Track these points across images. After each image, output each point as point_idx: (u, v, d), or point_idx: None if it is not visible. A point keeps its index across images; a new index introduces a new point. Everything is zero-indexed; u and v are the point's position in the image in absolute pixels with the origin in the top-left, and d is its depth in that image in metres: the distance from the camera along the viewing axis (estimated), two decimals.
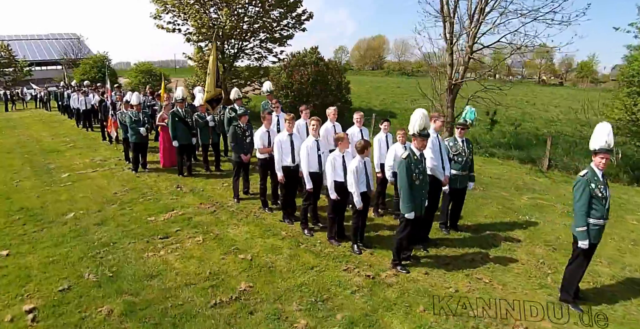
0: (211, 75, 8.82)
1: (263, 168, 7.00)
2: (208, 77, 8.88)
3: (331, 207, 5.85)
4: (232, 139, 7.31)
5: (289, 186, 6.53)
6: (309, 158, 6.04)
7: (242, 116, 7.43)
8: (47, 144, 12.83)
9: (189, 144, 8.88)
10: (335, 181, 5.65)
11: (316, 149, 6.11)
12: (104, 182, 8.54)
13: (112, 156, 10.99)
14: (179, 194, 7.82)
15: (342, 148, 5.68)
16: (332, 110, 7.40)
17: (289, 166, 6.39)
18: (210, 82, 8.81)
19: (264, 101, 9.92)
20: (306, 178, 6.04)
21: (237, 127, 7.35)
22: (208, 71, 8.93)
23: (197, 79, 19.00)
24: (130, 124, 8.91)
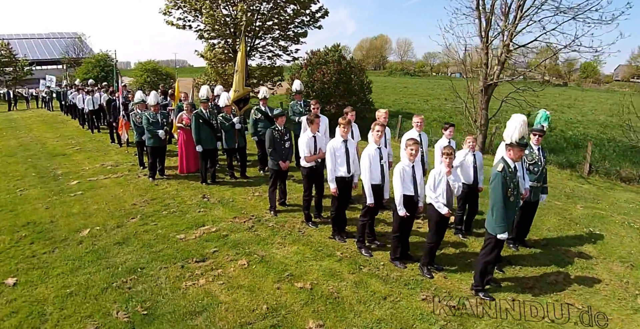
0: (240, 73, 7.89)
1: (309, 178, 6.10)
2: (236, 75, 7.95)
3: (398, 225, 5.05)
4: (269, 143, 6.39)
5: (341, 199, 5.65)
6: (372, 168, 5.18)
7: (279, 117, 6.51)
8: (52, 147, 11.84)
9: (213, 149, 7.95)
10: (405, 195, 4.84)
11: (379, 158, 5.25)
12: (119, 191, 7.59)
13: (124, 160, 10.03)
14: (206, 205, 6.88)
15: (412, 157, 4.85)
16: (382, 113, 6.58)
17: (344, 176, 5.53)
18: (238, 81, 7.88)
19: (293, 102, 9.01)
20: (367, 192, 5.19)
21: (275, 131, 6.44)
22: (236, 68, 8.01)
23: (207, 77, 18.07)
24: (147, 126, 7.96)
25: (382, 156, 5.31)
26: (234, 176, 8.42)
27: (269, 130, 6.42)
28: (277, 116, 6.50)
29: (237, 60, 8.00)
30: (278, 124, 6.47)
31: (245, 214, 6.56)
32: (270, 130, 6.41)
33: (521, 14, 11.23)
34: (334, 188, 5.52)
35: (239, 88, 7.94)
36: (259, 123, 8.58)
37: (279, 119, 6.47)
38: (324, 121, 7.34)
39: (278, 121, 6.47)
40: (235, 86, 8.00)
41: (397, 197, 4.89)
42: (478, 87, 11.99)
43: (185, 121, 8.40)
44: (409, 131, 6.34)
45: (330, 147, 5.56)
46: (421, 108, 21.47)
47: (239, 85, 7.93)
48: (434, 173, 4.82)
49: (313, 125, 6.00)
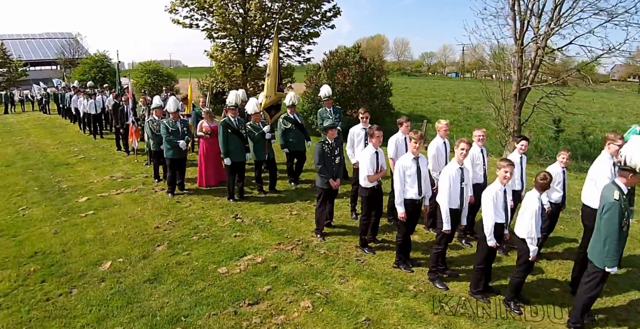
0: (272, 76, 6.96)
1: (369, 200, 5.23)
2: (267, 79, 7.02)
3: (484, 256, 4.35)
4: (318, 159, 5.51)
5: (409, 224, 4.85)
6: (451, 191, 4.38)
7: (330, 130, 5.62)
8: (53, 155, 10.78)
9: (243, 162, 7.03)
10: (496, 223, 4.12)
11: (460, 180, 4.46)
12: (136, 211, 6.63)
13: (135, 171, 9.04)
14: (242, 228, 5.97)
15: (505, 181, 4.10)
16: (443, 125, 5.81)
17: (414, 199, 4.75)
18: (270, 85, 6.96)
19: (322, 109, 8.14)
20: (445, 217, 4.47)
21: (325, 145, 5.57)
22: (268, 72, 7.08)
23: (213, 79, 17.07)
24: (167, 136, 7.01)
25: (463, 178, 4.55)
26: (263, 190, 7.50)
27: (319, 144, 5.55)
28: (327, 128, 5.62)
29: (269, 63, 7.08)
30: (328, 137, 5.60)
31: (289, 238, 5.67)
32: (320, 144, 5.55)
33: (558, 15, 10.51)
34: (402, 212, 4.75)
35: (270, 93, 7.02)
36: (289, 133, 7.68)
37: (330, 132, 5.60)
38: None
39: (328, 134, 5.60)
40: (266, 90, 7.08)
41: (488, 226, 4.18)
42: (511, 91, 11.22)
43: (205, 129, 7.46)
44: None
45: (399, 166, 4.75)
46: (432, 110, 20.71)
47: (270, 90, 7.01)
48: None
49: (374, 139, 5.16)
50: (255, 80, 16.14)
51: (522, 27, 10.80)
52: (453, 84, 44.75)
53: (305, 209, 6.82)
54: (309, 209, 6.79)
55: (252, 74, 16.06)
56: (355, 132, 6.39)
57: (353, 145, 6.45)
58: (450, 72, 64.41)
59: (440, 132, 5.94)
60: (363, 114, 6.42)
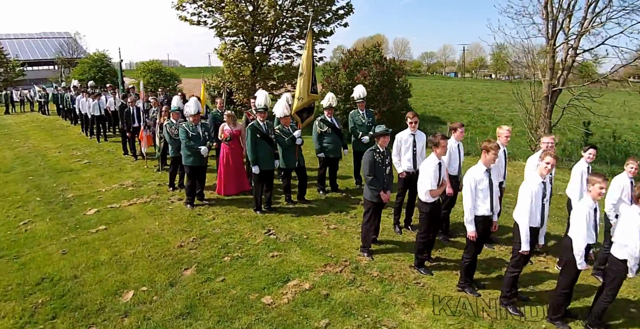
0: (305, 76, 6.20)
1: (430, 216, 4.53)
2: (300, 79, 6.26)
3: (570, 281, 3.79)
4: (369, 169, 4.78)
5: (479, 244, 4.19)
6: (532, 207, 3.77)
7: (383, 137, 4.89)
8: (55, 160, 9.94)
9: (271, 170, 6.28)
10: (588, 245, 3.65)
11: (541, 196, 3.84)
12: (153, 225, 5.85)
13: (146, 178, 8.24)
14: (277, 245, 5.21)
15: (598, 197, 3.53)
16: (505, 131, 5.18)
17: (486, 215, 4.11)
18: (303, 86, 6.20)
19: (354, 111, 7.43)
20: (525, 236, 3.91)
21: (376, 153, 4.86)
22: (300, 70, 6.31)
23: (219, 79, 16.23)
24: (186, 141, 6.23)
25: (545, 193, 3.87)
26: (292, 200, 6.75)
27: (369, 153, 4.83)
28: (379, 134, 4.88)
29: (302, 61, 6.31)
30: (380, 145, 4.87)
31: (334, 258, 4.92)
32: (371, 152, 4.82)
33: (593, 14, 9.87)
34: (472, 231, 4.09)
35: (303, 95, 6.25)
36: (325, 137, 6.93)
37: (382, 139, 4.87)
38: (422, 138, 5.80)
39: (380, 141, 4.87)
40: (298, 92, 6.31)
41: (580, 248, 3.61)
42: (542, 93, 10.55)
43: (224, 135, 6.69)
44: None
45: (471, 179, 4.06)
46: (443, 111, 20.05)
47: (303, 91, 6.24)
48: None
49: (439, 149, 4.47)
50: (264, 80, 15.35)
51: (555, 26, 10.15)
52: (455, 83, 44.20)
53: (342, 222, 6.09)
54: (347, 222, 6.06)
55: (261, 73, 15.26)
56: (402, 138, 5.67)
57: (400, 152, 5.74)
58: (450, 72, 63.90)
59: (501, 139, 5.29)
60: (412, 119, 5.69)
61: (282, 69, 15.71)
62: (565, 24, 10.29)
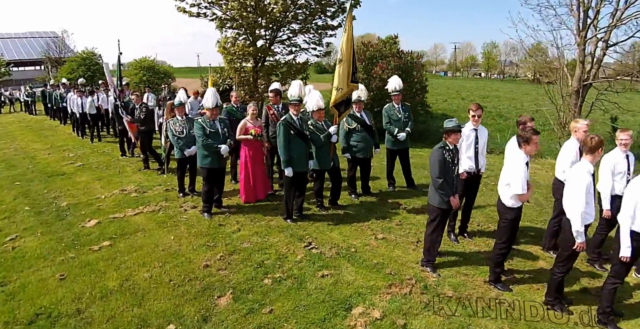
0: (345, 63, 5.23)
1: (514, 224, 3.78)
2: (339, 67, 5.27)
3: None
4: (439, 171, 3.89)
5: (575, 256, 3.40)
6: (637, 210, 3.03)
7: (454, 133, 4.01)
8: (45, 163, 8.77)
9: (305, 172, 5.33)
10: None
11: None
12: (168, 239, 4.83)
13: (151, 182, 7.17)
14: (323, 262, 4.25)
15: None
16: (584, 125, 4.43)
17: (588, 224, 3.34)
18: (342, 74, 5.23)
19: (388, 105, 6.59)
20: (626, 241, 3.41)
21: (446, 151, 3.99)
22: (340, 57, 5.33)
23: (219, 76, 15.15)
24: (203, 139, 5.23)
25: None
26: (324, 205, 5.81)
27: (438, 151, 3.94)
28: (451, 131, 3.99)
29: (341, 45, 5.33)
30: (450, 142, 3.99)
31: (395, 275, 4.01)
32: (440, 150, 3.94)
33: (626, 5, 9.18)
34: (582, 242, 3.24)
35: (342, 84, 5.29)
36: (354, 135, 6.03)
37: (453, 136, 3.99)
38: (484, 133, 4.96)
39: (450, 138, 3.99)
40: (337, 81, 5.35)
41: None
42: (570, 88, 9.83)
43: (256, 131, 5.71)
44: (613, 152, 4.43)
45: (586, 181, 3.21)
46: (449, 108, 19.32)
47: (342, 80, 5.29)
48: None
49: (529, 146, 3.62)
50: (267, 75, 14.31)
51: (586, 18, 9.44)
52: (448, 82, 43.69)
53: (389, 230, 5.18)
54: (394, 231, 5.16)
55: (264, 69, 14.22)
56: (463, 133, 4.79)
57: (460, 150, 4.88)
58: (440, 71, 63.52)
59: (579, 134, 4.48)
60: (475, 111, 4.83)
61: (285, 64, 14.73)
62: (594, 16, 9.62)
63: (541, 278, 4.13)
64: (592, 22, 9.40)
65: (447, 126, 4.10)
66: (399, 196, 6.57)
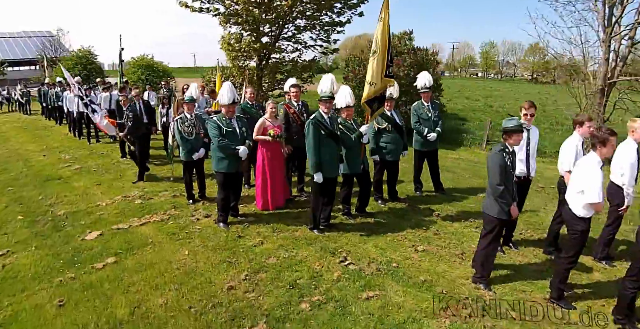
0: (380, 54, 4.61)
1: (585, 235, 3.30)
2: (372, 60, 4.64)
3: None
4: (499, 177, 3.33)
5: None
6: None
7: (515, 134, 3.45)
8: (39, 166, 8.07)
9: (336, 178, 4.72)
10: None
11: None
12: (181, 254, 4.18)
13: (156, 187, 6.50)
14: (366, 280, 3.64)
15: None
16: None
17: None
18: (377, 67, 4.62)
19: (417, 103, 6.04)
20: None
21: (506, 154, 3.44)
22: (374, 48, 4.69)
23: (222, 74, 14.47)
24: (219, 139, 4.59)
25: None
26: (351, 213, 5.22)
27: (498, 155, 3.39)
28: (512, 131, 3.43)
29: (375, 35, 4.70)
30: (510, 144, 3.43)
31: (448, 295, 3.42)
32: (500, 154, 3.39)
33: None
34: None
35: (376, 79, 4.69)
36: (382, 136, 5.44)
37: (514, 137, 3.44)
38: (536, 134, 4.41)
39: (512, 139, 3.44)
40: (370, 75, 4.74)
41: None
42: (595, 87, 9.33)
43: (275, 131, 5.10)
44: None
45: None
46: (456, 108, 18.80)
47: (376, 74, 4.68)
48: None
49: (606, 148, 3.10)
50: (272, 74, 13.68)
51: (611, 14, 8.94)
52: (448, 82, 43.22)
53: (428, 241, 4.60)
54: (433, 241, 4.58)
55: (268, 67, 13.58)
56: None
57: None
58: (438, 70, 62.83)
59: (637, 134, 3.96)
60: (527, 110, 4.28)
61: (289, 62, 14.11)
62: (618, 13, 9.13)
63: (602, 292, 3.65)
64: (617, 19, 8.91)
65: (507, 125, 3.53)
66: (429, 201, 6.00)
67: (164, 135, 8.69)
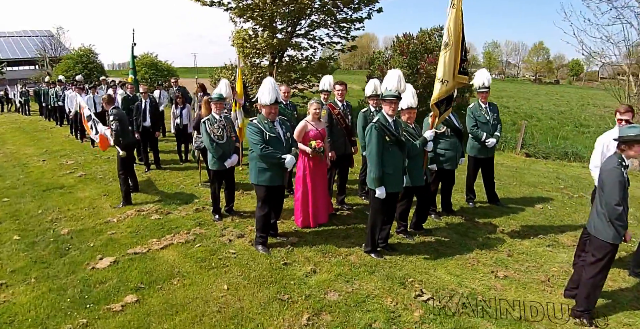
0: (453, 47, 3.76)
1: None
2: (444, 53, 3.77)
3: None
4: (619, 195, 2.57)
5: None
6: None
7: (637, 144, 2.67)
8: (38, 172, 7.14)
9: (398, 193, 3.87)
10: None
11: None
12: (219, 289, 3.30)
13: (174, 199, 5.61)
14: (454, 322, 2.81)
15: None
16: None
17: None
18: (449, 62, 3.78)
19: (473, 105, 5.23)
20: None
21: (624, 166, 2.64)
22: (446, 39, 3.83)
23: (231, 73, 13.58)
24: (262, 146, 3.71)
25: None
26: (407, 231, 4.38)
27: (617, 169, 2.78)
28: (634, 140, 2.66)
29: (448, 25, 3.83)
30: (629, 156, 2.69)
31: None
32: (619, 168, 2.79)
33: None
34: None
35: (447, 76, 3.87)
36: (440, 142, 4.61)
37: (635, 148, 2.72)
38: None
39: (633, 151, 2.69)
40: (443, 71, 3.90)
41: None
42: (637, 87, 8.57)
43: (318, 143, 4.21)
44: None
45: None
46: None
47: (449, 70, 3.85)
48: None
49: None
50: (286, 72, 12.82)
51: None
52: None
53: (505, 264, 3.81)
54: (511, 265, 3.84)
55: (282, 65, 12.70)
56: (605, 143, 3.47)
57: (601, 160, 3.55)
58: None
59: None
60: (622, 115, 3.54)
61: (304, 60, 13.26)
62: None
63: None
64: None
65: (628, 134, 2.74)
66: (486, 214, 5.19)
67: (177, 138, 7.82)
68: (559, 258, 4.06)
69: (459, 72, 3.93)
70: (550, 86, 45.11)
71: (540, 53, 43.01)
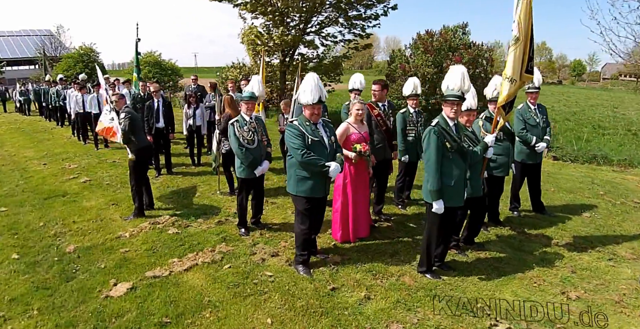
0: (522, 43, 3.18)
1: None
2: (513, 49, 3.15)
3: None
4: None
5: None
6: None
7: None
8: (39, 177, 6.50)
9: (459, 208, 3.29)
10: None
11: None
12: (261, 324, 2.69)
13: (189, 207, 5.04)
14: None
15: None
16: None
17: None
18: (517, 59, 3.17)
19: (522, 106, 4.72)
20: None
21: None
22: (516, 33, 3.22)
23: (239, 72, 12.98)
24: (304, 152, 3.14)
25: None
26: (459, 246, 3.81)
27: None
28: None
29: (518, 19, 3.22)
30: None
31: None
32: None
33: None
34: None
35: (516, 75, 3.30)
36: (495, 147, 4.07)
37: None
38: None
39: None
40: (512, 69, 3.28)
41: None
42: None
43: (363, 146, 3.64)
44: None
45: None
46: None
47: (517, 68, 3.26)
48: None
49: None
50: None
51: None
52: None
53: (571, 283, 3.34)
54: (575, 283, 3.37)
55: (293, 64, 12.09)
56: None
57: None
58: None
59: None
60: None
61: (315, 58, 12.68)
62: None
63: None
64: None
65: None
66: (534, 225, 4.67)
67: (189, 140, 7.23)
68: (623, 274, 3.57)
69: (525, 71, 3.36)
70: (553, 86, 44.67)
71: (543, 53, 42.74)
